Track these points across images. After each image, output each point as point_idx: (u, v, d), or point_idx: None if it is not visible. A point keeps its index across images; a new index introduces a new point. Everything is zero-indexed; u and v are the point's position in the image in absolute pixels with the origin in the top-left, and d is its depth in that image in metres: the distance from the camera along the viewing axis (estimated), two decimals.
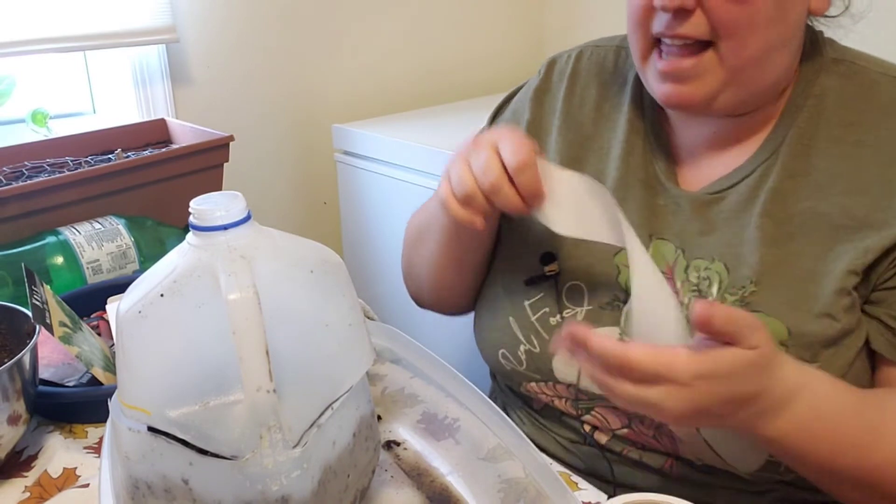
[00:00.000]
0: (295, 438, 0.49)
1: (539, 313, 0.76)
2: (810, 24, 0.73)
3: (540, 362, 0.76)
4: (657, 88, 0.71)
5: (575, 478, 0.68)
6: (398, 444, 0.69)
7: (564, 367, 0.74)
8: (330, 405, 0.52)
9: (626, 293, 0.73)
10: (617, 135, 0.79)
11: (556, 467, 0.70)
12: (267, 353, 0.47)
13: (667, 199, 0.75)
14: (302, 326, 0.52)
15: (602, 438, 0.76)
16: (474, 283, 0.86)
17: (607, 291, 0.74)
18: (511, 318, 0.78)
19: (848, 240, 0.66)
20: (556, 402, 0.78)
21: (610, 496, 0.60)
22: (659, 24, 0.68)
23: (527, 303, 0.77)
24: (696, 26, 0.65)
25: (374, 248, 1.73)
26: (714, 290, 0.69)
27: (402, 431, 0.71)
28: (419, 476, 0.65)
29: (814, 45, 0.73)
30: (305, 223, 1.87)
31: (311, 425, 0.51)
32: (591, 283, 0.75)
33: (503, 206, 0.65)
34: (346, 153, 1.73)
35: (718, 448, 0.68)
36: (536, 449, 0.60)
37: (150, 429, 0.50)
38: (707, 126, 0.75)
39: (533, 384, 0.78)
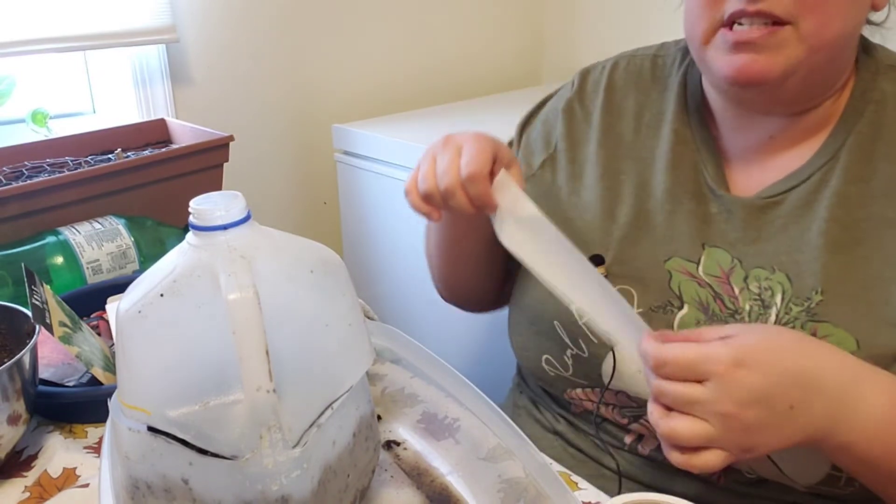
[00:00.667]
0: (295, 438, 0.49)
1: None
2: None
3: (588, 367, 0.74)
4: (726, 63, 0.66)
5: (575, 477, 0.68)
6: (398, 444, 0.69)
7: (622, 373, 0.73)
8: (330, 405, 0.52)
9: (680, 298, 0.72)
10: (661, 144, 0.78)
11: (556, 467, 0.70)
12: (267, 352, 0.47)
13: (719, 206, 0.73)
14: (302, 326, 0.52)
15: (646, 448, 0.75)
16: (487, 275, 0.86)
17: (659, 295, 0.73)
18: (556, 322, 0.77)
19: None
20: (603, 409, 0.76)
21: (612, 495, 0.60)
22: (731, 4, 0.65)
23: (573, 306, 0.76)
24: (779, 2, 0.62)
25: (374, 248, 1.73)
26: (777, 299, 0.68)
27: (402, 431, 0.71)
28: (419, 476, 0.65)
29: (866, 49, 0.72)
30: (305, 223, 1.87)
31: (311, 425, 0.51)
32: (642, 286, 0.74)
33: (456, 209, 0.69)
34: (346, 153, 1.73)
35: (780, 458, 0.66)
36: (536, 449, 0.60)
37: (150, 428, 0.50)
38: (761, 128, 0.73)
39: (578, 391, 0.77)
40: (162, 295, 0.48)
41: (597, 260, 0.75)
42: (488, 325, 1.49)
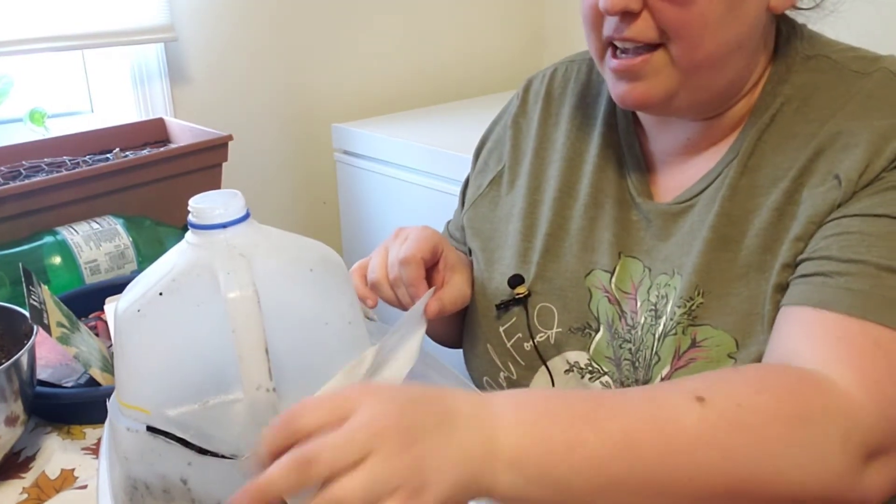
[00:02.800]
0: None
1: (513, 339, 0.75)
2: (789, 16, 0.71)
3: (517, 389, 0.73)
4: (614, 88, 0.69)
5: None
6: None
7: None
8: None
9: (598, 319, 0.72)
10: (589, 148, 0.78)
11: None
12: (266, 351, 0.47)
13: (638, 214, 0.73)
14: (301, 325, 0.52)
15: None
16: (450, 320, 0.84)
17: (579, 316, 0.73)
18: (489, 345, 0.77)
19: (785, 232, 0.63)
20: None
21: None
22: (608, 27, 0.66)
23: (501, 329, 0.76)
24: (643, 30, 0.64)
25: (374, 248, 1.73)
26: (669, 307, 0.67)
27: None
28: None
29: (789, 41, 0.70)
30: (305, 223, 1.87)
31: None
32: (562, 305, 0.73)
33: (401, 299, 0.73)
34: (346, 152, 1.72)
35: None
36: None
37: (149, 428, 0.49)
38: (681, 131, 0.73)
39: None
40: (161, 294, 0.48)
41: (516, 280, 0.75)
42: None
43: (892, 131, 0.61)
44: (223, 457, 0.48)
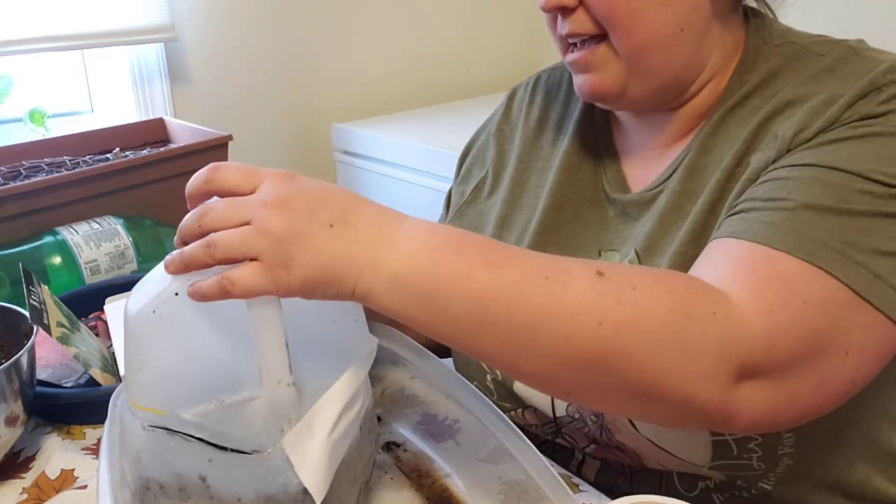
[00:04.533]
0: None
1: None
2: (757, 9, 0.72)
3: (504, 390, 0.75)
4: (575, 83, 0.71)
5: (576, 480, 0.68)
6: (398, 446, 0.69)
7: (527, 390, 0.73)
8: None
9: None
10: (566, 149, 0.78)
11: (558, 469, 0.70)
12: (287, 346, 0.47)
13: (614, 209, 0.74)
14: (310, 322, 0.53)
15: (591, 473, 0.76)
16: None
17: None
18: None
19: (729, 192, 0.64)
20: (532, 429, 0.76)
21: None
22: (558, 28, 0.69)
23: None
24: (581, 23, 0.66)
25: None
26: None
27: (403, 432, 0.70)
28: (419, 478, 0.65)
29: (757, 31, 0.71)
30: None
31: None
32: None
33: None
34: (346, 153, 1.73)
35: (662, 442, 0.66)
36: (537, 451, 0.60)
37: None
38: (652, 123, 0.74)
39: (511, 414, 0.76)
40: (177, 294, 0.49)
41: None
42: None
43: (836, 98, 0.61)
44: (245, 452, 0.48)
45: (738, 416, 0.52)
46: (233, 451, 0.48)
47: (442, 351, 0.87)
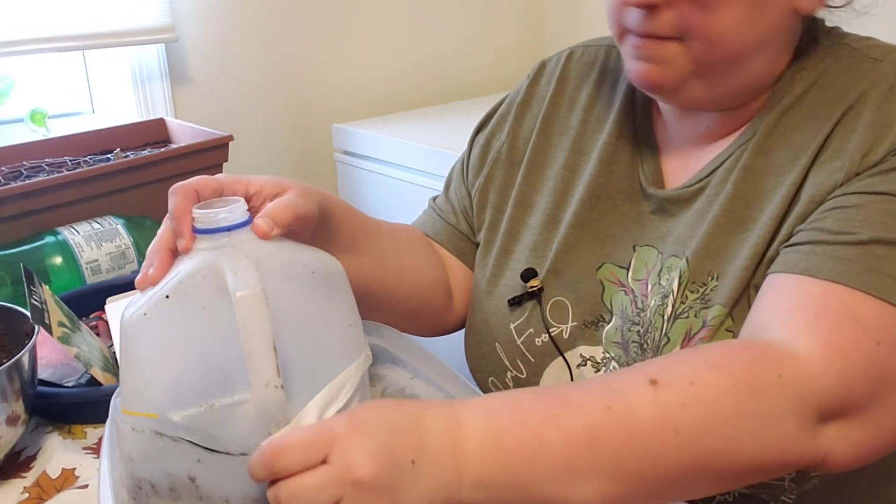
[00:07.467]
0: None
1: (524, 336, 0.74)
2: (816, 17, 0.71)
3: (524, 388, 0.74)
4: (631, 67, 0.69)
5: None
6: None
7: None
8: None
9: (611, 312, 0.72)
10: (602, 136, 0.77)
11: None
12: (275, 349, 0.47)
13: (651, 204, 0.73)
14: (303, 327, 0.53)
15: None
16: (403, 297, 0.78)
17: (592, 309, 0.72)
18: (497, 344, 0.76)
19: (793, 210, 0.63)
20: None
21: None
22: (629, 19, 0.67)
23: (512, 325, 0.75)
24: (662, 26, 0.64)
25: None
26: (675, 286, 0.67)
27: None
28: None
29: (809, 30, 0.70)
30: None
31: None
32: (576, 299, 0.73)
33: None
34: (346, 153, 1.73)
35: None
36: None
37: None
38: (698, 120, 0.73)
39: None
40: (167, 297, 0.49)
41: (529, 274, 0.74)
42: None
43: None
44: (233, 455, 0.48)
45: (830, 458, 0.53)
46: (221, 452, 0.48)
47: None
